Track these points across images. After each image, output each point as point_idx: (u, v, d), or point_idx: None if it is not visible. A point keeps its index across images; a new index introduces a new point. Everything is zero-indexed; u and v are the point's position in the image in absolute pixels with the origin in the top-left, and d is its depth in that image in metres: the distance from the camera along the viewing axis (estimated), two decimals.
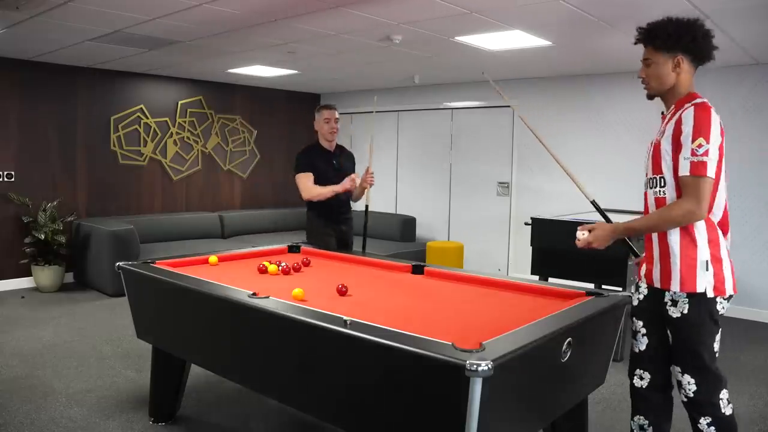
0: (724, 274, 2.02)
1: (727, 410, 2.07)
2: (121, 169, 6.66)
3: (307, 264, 3.30)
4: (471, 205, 7.22)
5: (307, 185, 3.99)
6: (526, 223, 5.03)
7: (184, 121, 7.15)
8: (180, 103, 7.09)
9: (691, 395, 2.07)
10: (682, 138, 1.98)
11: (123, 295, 3.22)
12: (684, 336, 2.05)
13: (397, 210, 7.81)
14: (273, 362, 2.29)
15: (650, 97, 2.20)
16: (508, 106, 6.76)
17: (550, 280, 4.26)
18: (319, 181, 4.00)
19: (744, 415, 3.35)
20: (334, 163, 4.09)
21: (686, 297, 2.02)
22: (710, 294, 2.00)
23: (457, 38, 4.58)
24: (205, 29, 4.41)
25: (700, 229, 2.02)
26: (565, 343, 1.98)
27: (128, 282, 3.01)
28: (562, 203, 5.92)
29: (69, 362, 3.94)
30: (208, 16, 3.99)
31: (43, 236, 5.74)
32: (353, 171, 4.19)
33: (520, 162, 6.75)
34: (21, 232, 5.91)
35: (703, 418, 2.05)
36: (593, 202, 2.57)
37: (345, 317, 1.98)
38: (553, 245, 4.49)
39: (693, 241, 2.02)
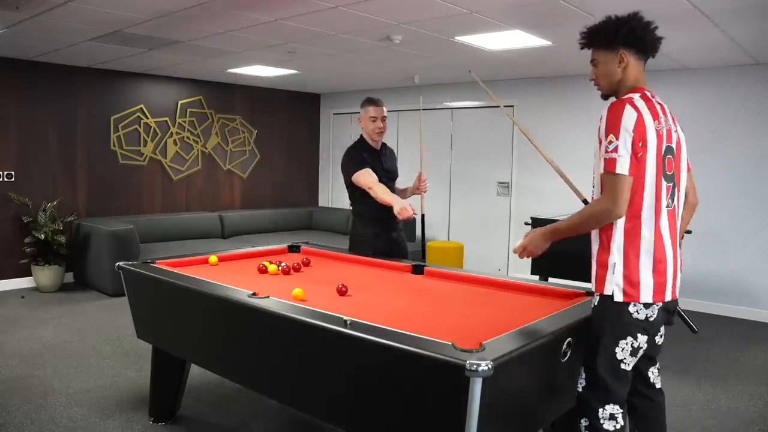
0: (641, 279, 1.92)
1: (607, 425, 1.97)
2: (121, 169, 6.66)
3: (307, 264, 3.30)
4: (471, 205, 7.21)
5: (373, 182, 3.49)
6: (526, 223, 5.03)
7: (184, 121, 7.15)
8: (180, 103, 7.09)
9: (579, 389, 2.04)
10: (600, 135, 1.98)
11: (123, 295, 3.23)
12: (590, 332, 2.02)
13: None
14: (273, 362, 2.29)
15: (604, 97, 2.16)
16: (510, 106, 6.76)
17: (550, 280, 4.27)
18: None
19: (744, 415, 3.36)
20: (383, 163, 3.72)
21: (599, 296, 2.00)
22: (618, 298, 1.93)
23: (457, 38, 4.58)
24: (205, 29, 4.41)
25: (614, 232, 1.96)
26: (565, 343, 1.98)
27: (128, 282, 3.01)
28: (562, 203, 5.91)
29: (69, 362, 3.94)
30: (208, 16, 3.99)
31: (43, 236, 5.74)
32: (397, 171, 3.91)
33: (520, 162, 6.75)
34: (21, 232, 5.91)
35: (583, 418, 2.01)
36: (585, 201, 2.57)
37: (345, 317, 1.98)
38: (553, 245, 4.49)
39: (605, 244, 1.99)
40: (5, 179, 5.86)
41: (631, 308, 1.93)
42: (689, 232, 4.77)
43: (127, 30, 4.44)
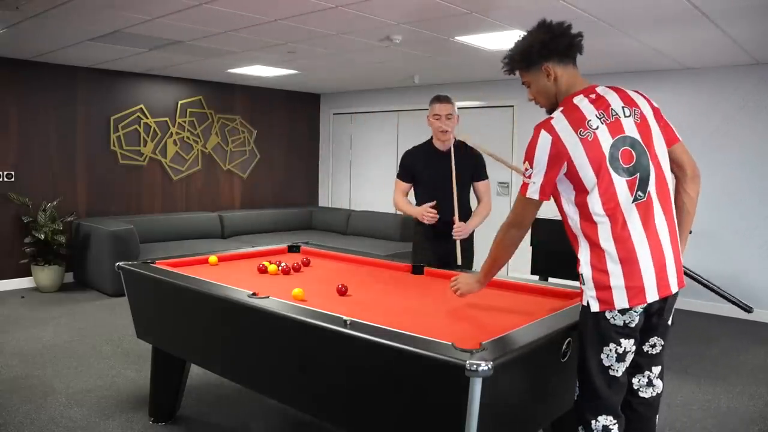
0: (612, 286, 1.88)
1: None
2: (121, 169, 6.66)
3: (307, 264, 3.30)
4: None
5: (395, 194, 3.55)
6: None
7: (184, 121, 7.15)
8: (180, 103, 7.09)
9: (575, 398, 2.03)
10: None
11: (123, 295, 3.22)
12: (578, 341, 2.01)
13: (397, 210, 7.81)
14: (273, 362, 2.29)
15: (549, 112, 2.11)
16: (510, 106, 6.77)
17: (550, 280, 4.27)
18: (426, 186, 3.46)
19: (744, 415, 3.36)
20: (447, 167, 3.37)
21: (581, 306, 1.99)
22: (594, 308, 1.91)
23: (457, 38, 4.58)
24: (205, 29, 4.41)
25: (580, 244, 1.96)
26: (565, 343, 1.98)
27: (128, 282, 3.01)
28: None
29: (69, 362, 3.94)
30: (208, 16, 3.99)
31: (43, 236, 5.74)
32: (478, 175, 3.56)
33: (520, 162, 6.72)
34: (21, 232, 5.90)
35: (580, 427, 2.00)
36: None
37: (345, 317, 1.98)
38: (553, 245, 4.48)
39: (577, 256, 1.98)
40: (5, 179, 5.86)
41: (608, 315, 1.90)
42: (689, 232, 4.77)
43: (127, 30, 4.44)
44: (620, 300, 1.88)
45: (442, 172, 3.40)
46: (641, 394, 2.08)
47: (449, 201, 3.36)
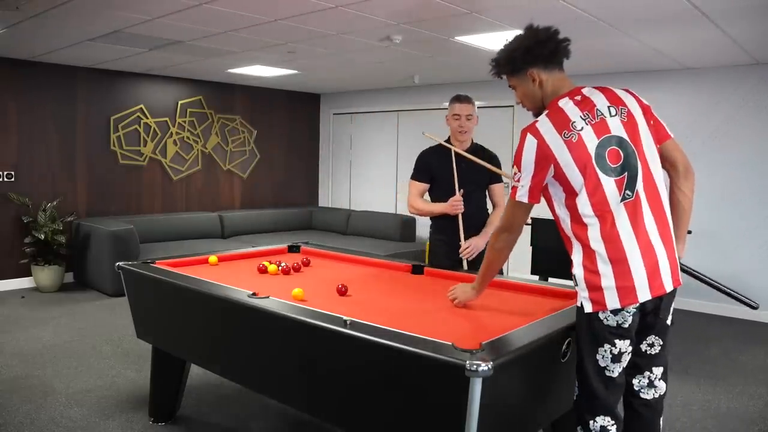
0: (603, 286, 1.88)
1: None
2: (121, 169, 6.66)
3: (307, 264, 3.30)
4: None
5: (410, 196, 3.41)
6: (527, 223, 5.02)
7: (184, 121, 7.15)
8: (180, 103, 7.09)
9: (575, 398, 2.03)
10: None
11: (123, 295, 3.23)
12: (575, 341, 2.01)
13: (397, 210, 7.82)
14: (273, 362, 2.29)
15: (536, 115, 2.12)
16: (510, 106, 6.77)
17: (550, 280, 4.26)
18: (439, 189, 3.38)
19: (744, 415, 3.36)
20: (463, 167, 3.32)
21: (576, 308, 2.00)
22: (587, 309, 1.92)
23: (457, 38, 4.58)
24: (205, 29, 4.41)
25: (573, 246, 1.97)
26: (565, 343, 1.98)
27: (128, 282, 3.01)
28: None
29: (69, 362, 3.94)
30: (208, 16, 3.99)
31: (43, 236, 5.74)
32: (494, 177, 3.44)
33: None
34: (21, 232, 5.90)
35: (579, 427, 2.00)
36: None
37: (345, 317, 1.98)
38: (553, 245, 4.47)
39: (570, 258, 1.99)
40: (5, 179, 5.86)
41: (601, 315, 1.90)
42: (689, 232, 4.77)
43: (127, 30, 4.44)
44: (612, 300, 1.88)
45: (462, 173, 3.34)
46: (643, 396, 2.07)
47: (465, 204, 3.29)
